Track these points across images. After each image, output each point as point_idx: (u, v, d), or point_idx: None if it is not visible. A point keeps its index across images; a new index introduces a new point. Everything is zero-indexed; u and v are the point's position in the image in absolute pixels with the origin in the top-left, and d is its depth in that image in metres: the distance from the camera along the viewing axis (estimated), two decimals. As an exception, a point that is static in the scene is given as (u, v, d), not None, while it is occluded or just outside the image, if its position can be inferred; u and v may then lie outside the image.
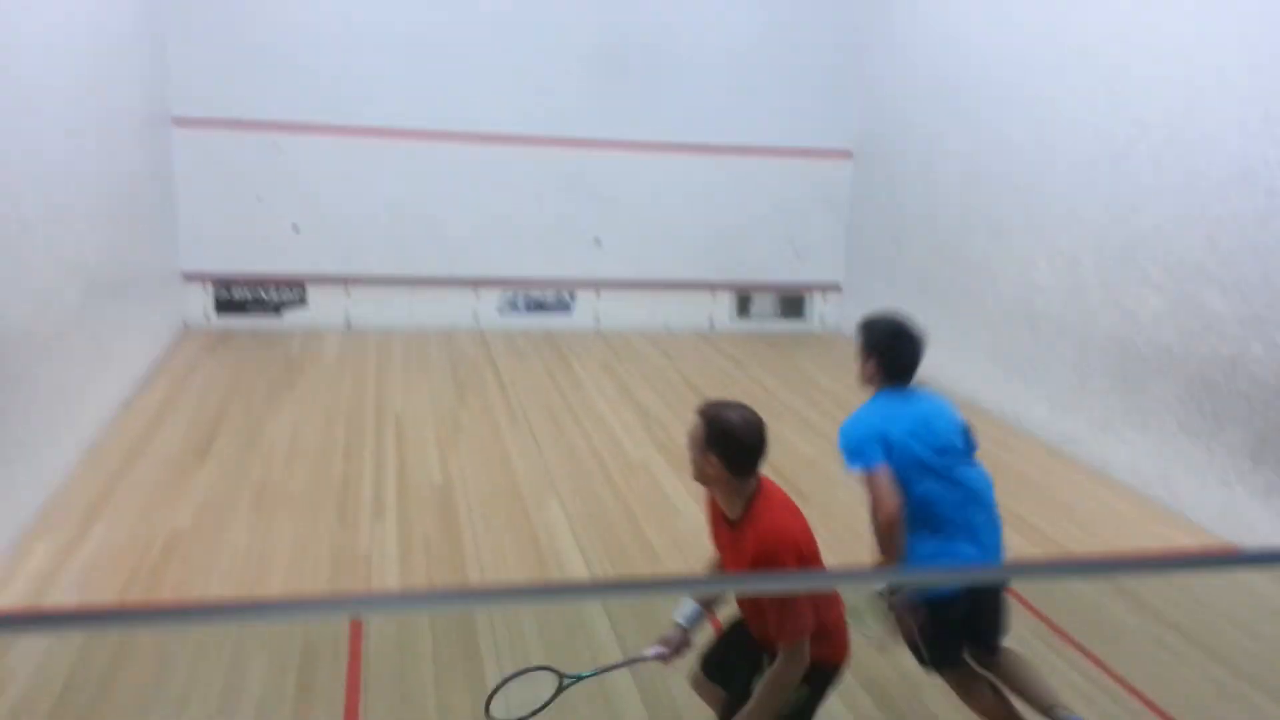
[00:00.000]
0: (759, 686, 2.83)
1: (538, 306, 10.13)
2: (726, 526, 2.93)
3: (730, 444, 2.81)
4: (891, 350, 3.46)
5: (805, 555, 2.79)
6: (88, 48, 6.39)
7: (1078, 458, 6.95)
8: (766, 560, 2.71)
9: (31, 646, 3.95)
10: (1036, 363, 7.49)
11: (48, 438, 5.32)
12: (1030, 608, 4.76)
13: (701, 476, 2.90)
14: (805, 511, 2.99)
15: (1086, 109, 6.95)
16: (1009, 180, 7.83)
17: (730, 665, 3.12)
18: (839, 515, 5.76)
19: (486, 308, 10.01)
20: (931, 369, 8.63)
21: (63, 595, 4.37)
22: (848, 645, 3.03)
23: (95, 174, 6.46)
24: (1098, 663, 4.32)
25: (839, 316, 10.84)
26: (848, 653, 3.03)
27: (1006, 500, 6.06)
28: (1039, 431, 7.40)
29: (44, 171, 5.42)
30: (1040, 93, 7.45)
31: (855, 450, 3.32)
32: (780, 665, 2.78)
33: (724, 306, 10.58)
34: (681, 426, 7.22)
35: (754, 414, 2.90)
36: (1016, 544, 5.56)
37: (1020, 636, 4.51)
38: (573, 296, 10.19)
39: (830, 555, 3.59)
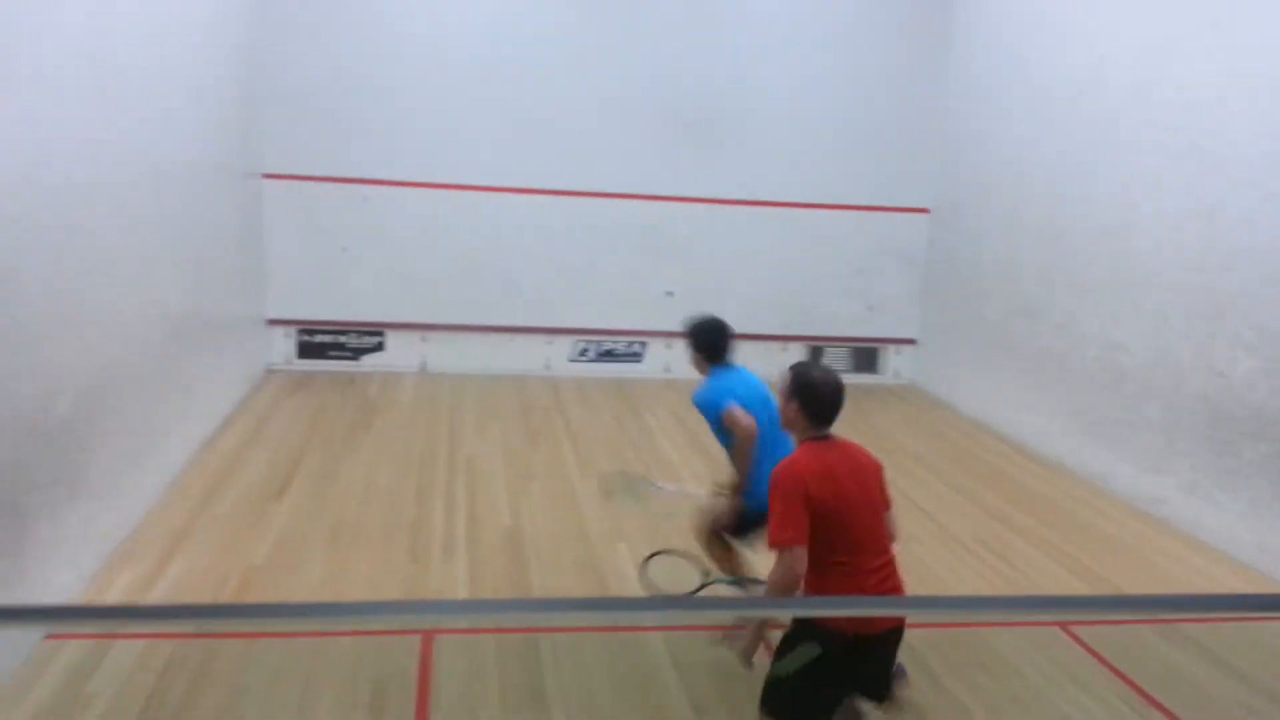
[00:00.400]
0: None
1: (609, 355, 10.20)
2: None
3: (809, 395, 3.32)
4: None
5: (788, 479, 3.17)
6: (187, 107, 6.71)
7: (1166, 520, 6.69)
8: (771, 480, 3.23)
9: (114, 669, 4.04)
10: (1121, 422, 7.27)
11: (134, 472, 5.50)
12: (1114, 670, 4.57)
13: (786, 422, 3.43)
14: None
15: (1175, 167, 6.81)
16: (1093, 237, 7.68)
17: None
18: (909, 566, 5.62)
19: (558, 356, 10.12)
20: (1014, 425, 8.51)
21: (141, 623, 4.47)
22: (866, 621, 3.15)
23: (187, 225, 6.73)
24: (1190, 732, 4.12)
25: (914, 371, 10.70)
26: (867, 628, 3.15)
27: (1093, 564, 5.91)
28: (1124, 492, 7.15)
29: (136, 221, 5.65)
30: (1127, 150, 7.33)
31: (716, 400, 4.43)
32: (774, 567, 3.14)
33: (795, 359, 10.49)
34: (752, 477, 7.15)
35: (834, 375, 3.42)
36: (1104, 607, 5.35)
37: (1104, 698, 4.32)
38: (644, 346, 10.25)
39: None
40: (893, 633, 3.27)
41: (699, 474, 7.12)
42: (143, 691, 3.90)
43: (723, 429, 4.41)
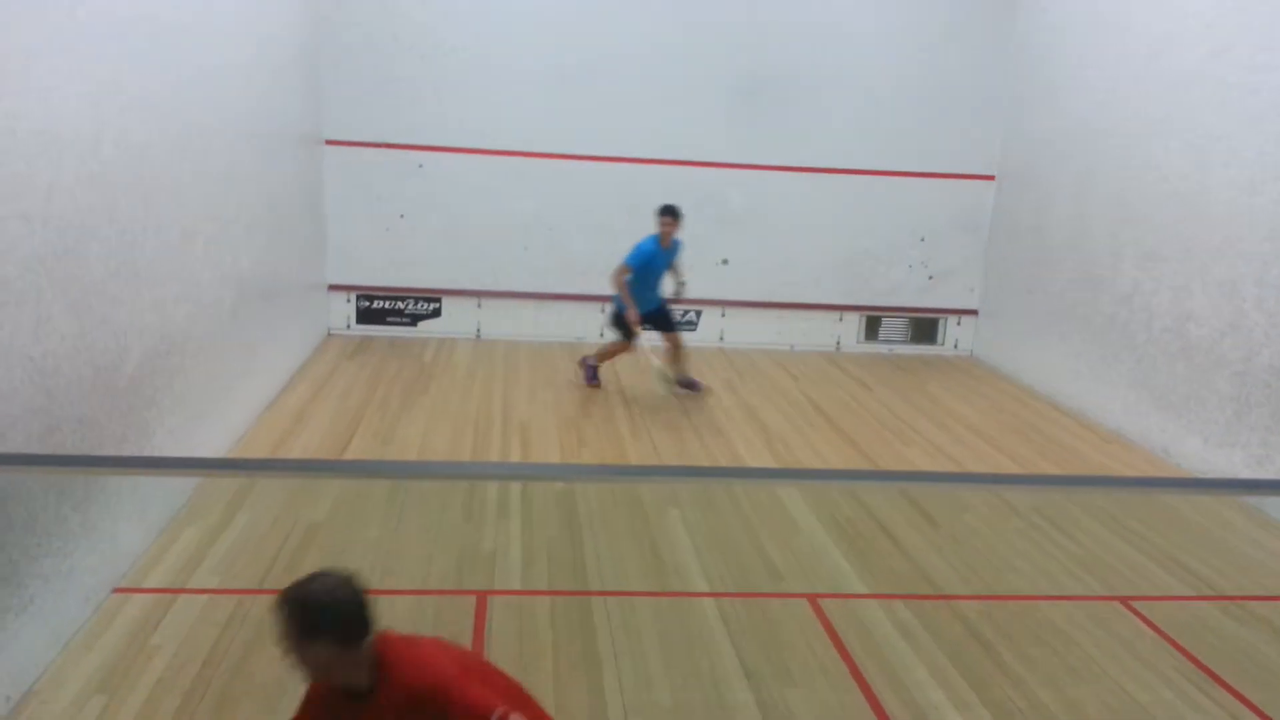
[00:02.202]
0: None
1: (664, 324, 10.15)
2: (351, 707, 2.34)
3: (332, 619, 2.26)
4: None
5: (469, 665, 2.42)
6: (251, 73, 6.79)
7: (1234, 495, 6.50)
8: (435, 696, 2.25)
9: (178, 623, 4.16)
10: (1189, 395, 7.06)
11: (199, 431, 5.63)
12: (1177, 645, 4.47)
13: (316, 671, 2.32)
14: (934, 537, 2.91)
15: (1249, 135, 6.55)
16: (1164, 204, 7.43)
17: None
18: (967, 540, 5.56)
19: (613, 323, 10.10)
20: (1074, 397, 8.33)
21: (205, 579, 4.59)
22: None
23: (253, 189, 6.84)
24: (1255, 710, 4.02)
25: (973, 342, 10.50)
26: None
27: (1158, 538, 5.78)
28: (1191, 466, 6.96)
29: (208, 186, 5.76)
30: (1202, 113, 7.06)
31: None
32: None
33: (852, 328, 10.39)
34: (805, 445, 7.11)
35: (335, 574, 2.33)
36: (1169, 585, 5.24)
37: (1164, 674, 4.24)
38: (698, 314, 10.20)
39: (959, 581, 3.47)
40: None
41: (752, 444, 7.11)
42: (205, 644, 4.01)
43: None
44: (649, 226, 9.97)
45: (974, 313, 10.47)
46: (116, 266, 4.40)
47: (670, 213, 7.98)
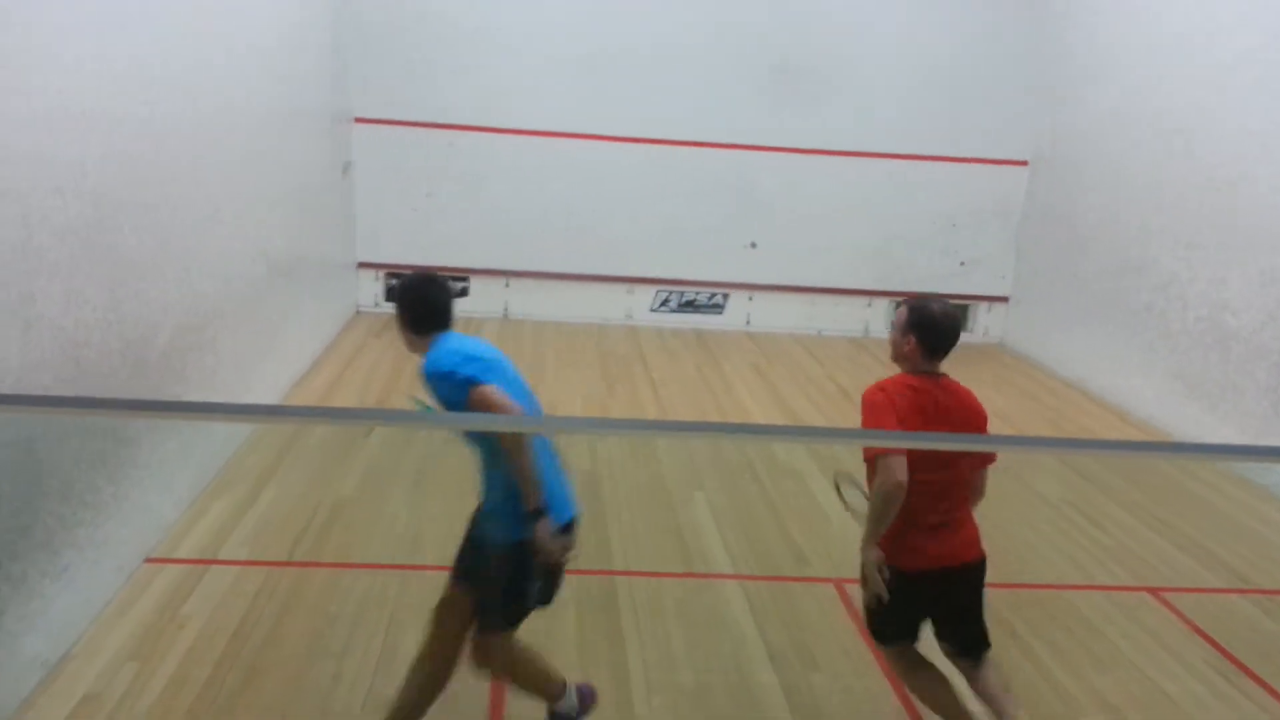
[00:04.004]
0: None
1: (690, 306, 10.15)
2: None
3: (925, 330, 3.20)
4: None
5: (890, 400, 3.15)
6: (281, 50, 6.80)
7: (1270, 487, 6.41)
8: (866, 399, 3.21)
9: (209, 594, 4.22)
10: (1225, 385, 6.95)
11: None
12: (1207, 637, 4.42)
13: (897, 355, 3.31)
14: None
15: (1294, 116, 6.42)
16: (1200, 192, 7.31)
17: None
18: (995, 527, 5.51)
19: (639, 305, 10.10)
20: (1106, 386, 8.22)
21: (234, 551, 4.64)
22: (928, 557, 3.18)
23: (282, 167, 6.87)
24: (1286, 705, 3.97)
25: (1004, 330, 10.40)
26: (926, 564, 3.18)
27: (1190, 529, 5.70)
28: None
29: (237, 163, 5.79)
30: (1241, 100, 6.92)
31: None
32: (877, 475, 3.10)
33: (880, 314, 10.31)
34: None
35: (953, 309, 3.33)
36: (1197, 574, 5.19)
37: (1193, 666, 4.19)
38: (725, 298, 10.17)
39: (990, 571, 3.44)
40: (968, 569, 3.29)
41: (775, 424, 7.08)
42: (235, 615, 4.06)
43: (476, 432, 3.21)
44: (680, 208, 9.94)
45: (1005, 300, 10.36)
46: (148, 242, 4.44)
47: None
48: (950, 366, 3.40)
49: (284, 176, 6.92)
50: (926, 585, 3.21)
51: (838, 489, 3.61)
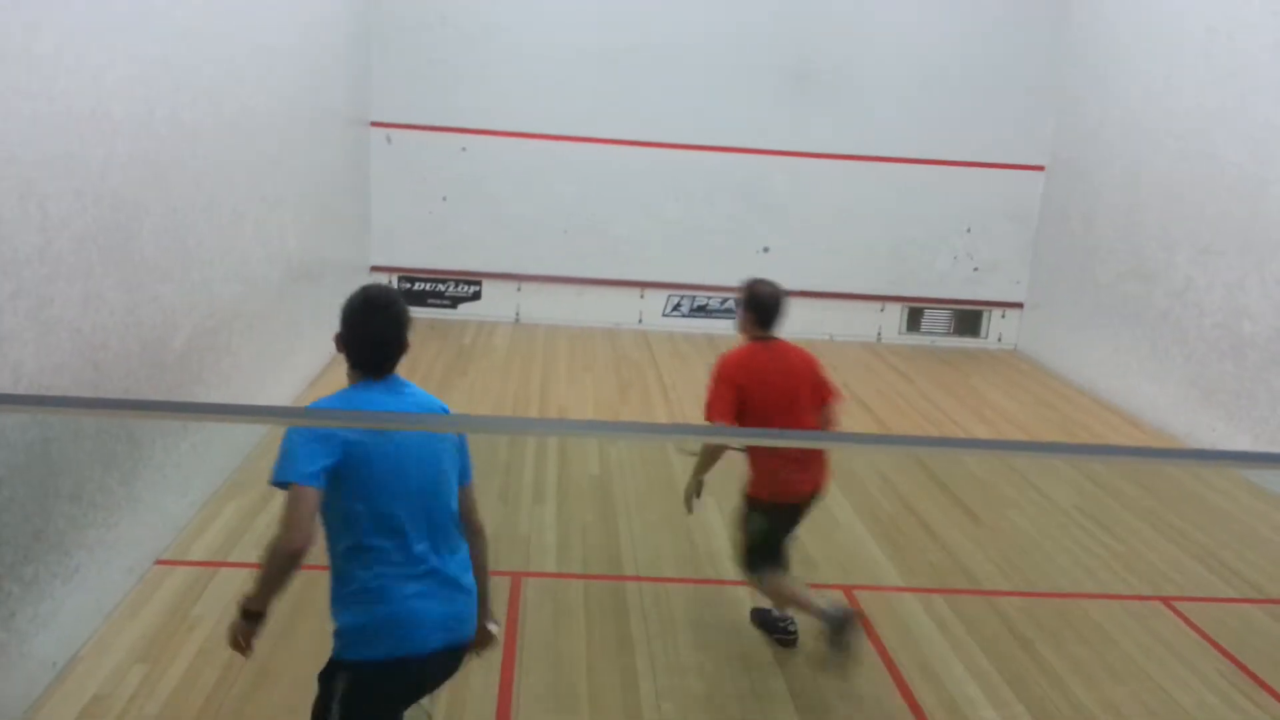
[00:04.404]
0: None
1: (702, 311, 10.14)
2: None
3: (755, 306, 3.97)
4: None
5: (723, 371, 3.91)
6: (300, 55, 6.84)
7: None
8: (713, 371, 3.95)
9: (219, 595, 4.23)
10: (1241, 393, 6.90)
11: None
12: (1220, 648, 4.38)
13: (740, 328, 4.05)
14: (975, 532, 2.87)
15: (1312, 119, 6.37)
16: (1218, 199, 7.26)
17: None
18: (1008, 535, 5.48)
19: (651, 310, 10.10)
20: (1121, 393, 8.17)
21: (245, 553, 4.66)
22: (790, 489, 3.92)
23: (301, 171, 6.91)
24: (1301, 717, 3.93)
25: (1018, 335, 10.34)
26: (792, 495, 3.93)
27: (1202, 537, 5.66)
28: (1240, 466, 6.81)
29: (257, 166, 5.83)
30: (1259, 108, 6.87)
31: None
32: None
33: (893, 319, 10.28)
34: (844, 437, 7.04)
35: (777, 287, 4.03)
36: (1211, 583, 5.14)
37: (1207, 677, 4.15)
38: (737, 302, 10.13)
39: (999, 576, 3.43)
40: (808, 502, 4.02)
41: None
42: (247, 616, 4.07)
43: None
44: (693, 212, 9.94)
45: (1019, 305, 10.31)
46: (167, 244, 4.47)
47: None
48: (963, 372, 3.38)
49: (303, 180, 6.96)
50: (788, 514, 3.99)
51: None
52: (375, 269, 9.71)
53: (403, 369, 2.67)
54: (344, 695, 2.46)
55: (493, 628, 2.82)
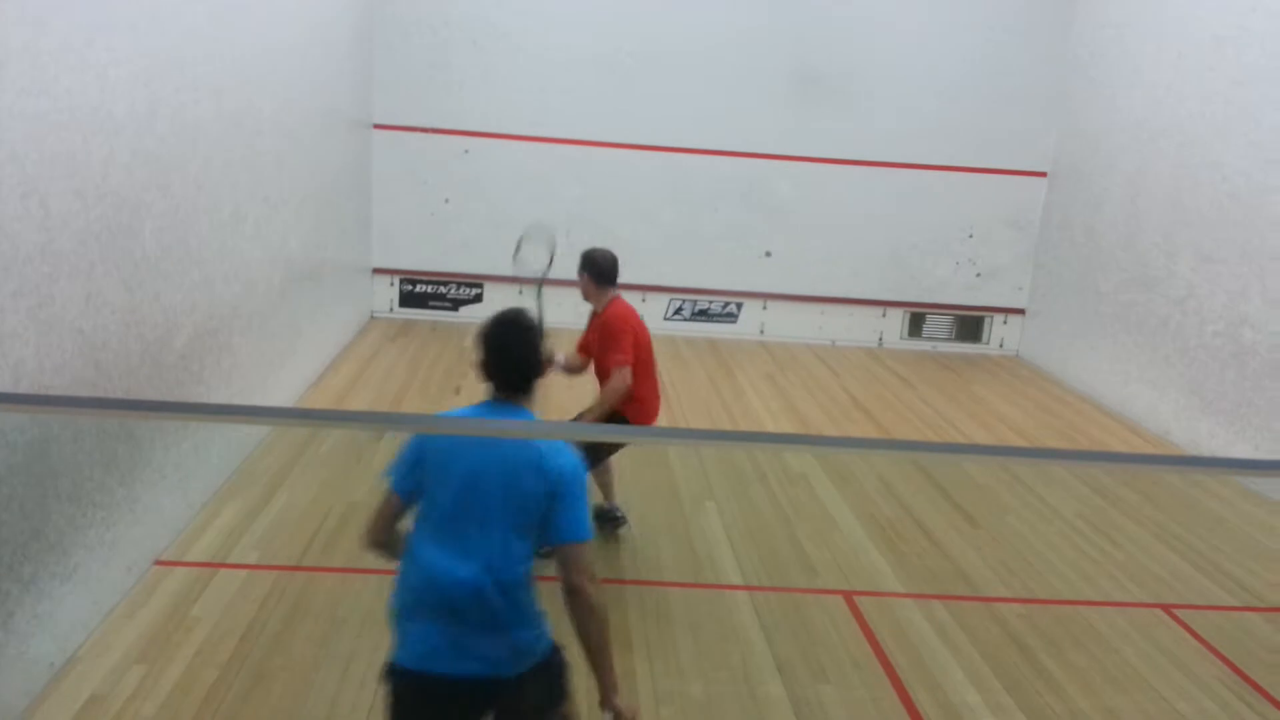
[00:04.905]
0: (596, 399, 4.77)
1: (703, 315, 10.14)
2: (594, 318, 4.96)
3: (593, 267, 4.84)
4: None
5: (633, 325, 4.78)
6: (304, 55, 6.84)
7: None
8: (612, 326, 4.69)
9: (217, 596, 4.23)
10: (1241, 401, 6.89)
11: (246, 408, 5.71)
12: (1220, 656, 4.37)
13: (585, 293, 4.93)
14: (974, 536, 2.87)
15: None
16: (1221, 207, 7.25)
17: None
18: (1009, 540, 5.47)
19: (652, 313, 10.08)
20: (1123, 401, 8.16)
21: (244, 554, 4.65)
22: (652, 416, 4.95)
23: (304, 172, 6.91)
24: (1302, 726, 3.91)
25: (1019, 342, 10.34)
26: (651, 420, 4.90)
27: (1201, 545, 5.65)
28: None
29: (260, 167, 5.83)
30: (1263, 117, 6.87)
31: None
32: (610, 382, 4.66)
33: (895, 325, 10.28)
34: (845, 442, 7.04)
35: (609, 251, 4.92)
36: (1211, 591, 5.13)
37: (1206, 684, 4.14)
38: (739, 307, 10.15)
39: (999, 583, 3.42)
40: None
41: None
42: (244, 619, 4.07)
43: None
44: (694, 216, 9.94)
45: (1021, 312, 10.30)
46: (169, 244, 4.47)
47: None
48: (965, 378, 3.38)
49: (305, 181, 6.96)
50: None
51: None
52: (377, 271, 9.71)
53: (401, 366, 2.67)
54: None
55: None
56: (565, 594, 2.54)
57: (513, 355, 2.62)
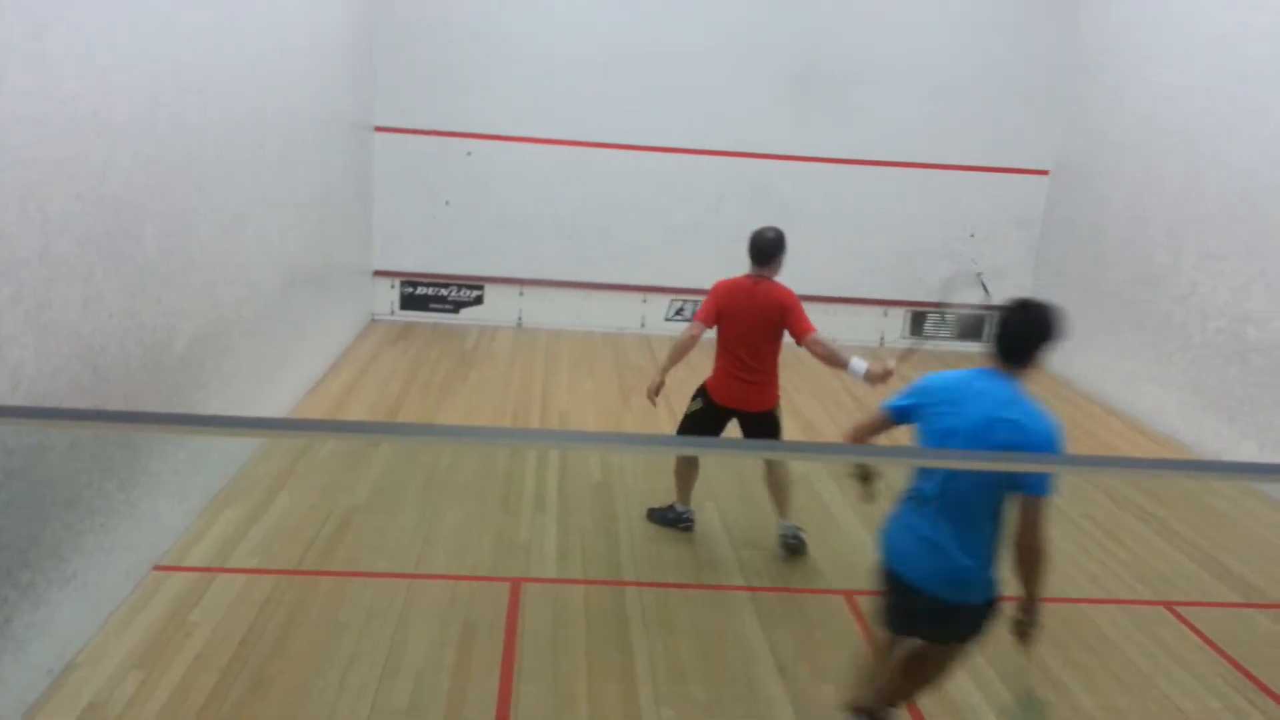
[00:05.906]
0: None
1: (706, 316, 10.11)
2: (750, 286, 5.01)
3: (750, 248, 5.06)
4: None
5: (713, 289, 5.17)
6: (305, 59, 6.83)
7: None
8: (789, 298, 4.98)
9: (216, 601, 4.22)
10: (1245, 399, 6.86)
11: (243, 412, 5.69)
12: (1224, 654, 4.35)
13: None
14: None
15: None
16: (1225, 204, 7.23)
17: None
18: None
19: (654, 314, 10.09)
20: (1126, 399, 8.13)
21: (244, 559, 4.65)
22: (725, 392, 5.03)
23: (305, 175, 6.91)
24: (1307, 725, 3.89)
25: (1021, 341, 10.29)
26: (727, 398, 5.00)
27: (1206, 543, 5.62)
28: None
29: (261, 170, 5.83)
30: (1269, 114, 6.85)
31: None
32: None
33: (896, 324, 10.26)
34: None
35: (770, 229, 5.13)
36: (1214, 589, 5.11)
37: (1210, 683, 4.12)
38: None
39: (1002, 580, 3.40)
40: (755, 416, 5.01)
41: (791, 437, 7.03)
42: (242, 624, 4.06)
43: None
44: (696, 217, 9.93)
45: (1023, 310, 10.26)
46: (170, 248, 4.46)
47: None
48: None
49: (307, 185, 6.96)
50: (721, 413, 5.05)
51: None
52: (378, 273, 9.71)
53: (401, 368, 2.67)
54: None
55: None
56: (1015, 541, 3.09)
57: (1010, 330, 3.15)
